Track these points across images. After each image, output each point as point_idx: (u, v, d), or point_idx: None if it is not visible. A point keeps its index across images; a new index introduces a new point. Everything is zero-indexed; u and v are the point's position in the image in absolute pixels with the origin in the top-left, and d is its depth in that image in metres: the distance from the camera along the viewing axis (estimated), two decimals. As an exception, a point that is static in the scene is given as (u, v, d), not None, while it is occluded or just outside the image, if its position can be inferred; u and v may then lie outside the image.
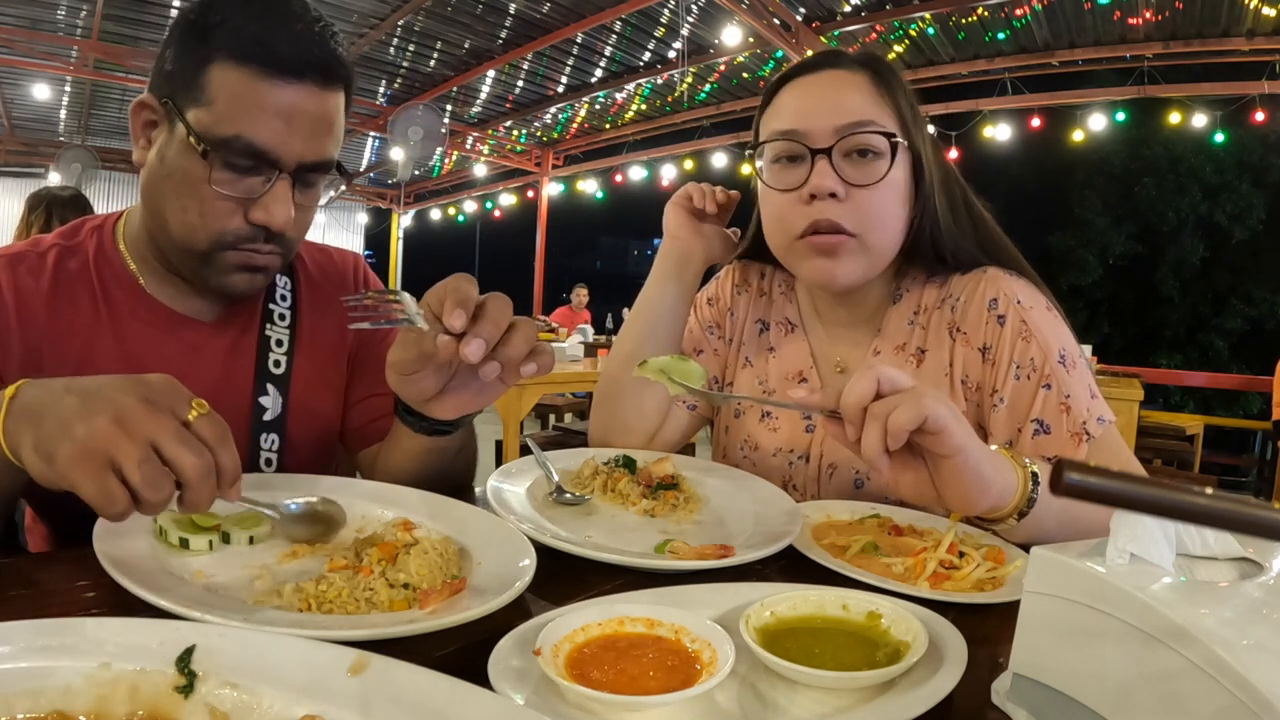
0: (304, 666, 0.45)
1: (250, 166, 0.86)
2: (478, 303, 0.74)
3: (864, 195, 0.97)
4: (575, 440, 4.23)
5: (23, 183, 11.37)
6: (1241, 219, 14.89)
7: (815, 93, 1.01)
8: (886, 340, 1.09)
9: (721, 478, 1.04)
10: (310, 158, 0.88)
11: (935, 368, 1.04)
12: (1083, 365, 0.98)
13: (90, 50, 7.58)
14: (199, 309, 1.00)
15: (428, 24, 7.57)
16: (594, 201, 12.24)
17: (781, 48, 6.82)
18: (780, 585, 0.68)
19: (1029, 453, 0.94)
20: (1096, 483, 0.35)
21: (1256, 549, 0.52)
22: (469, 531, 0.78)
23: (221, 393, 0.97)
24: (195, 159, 0.85)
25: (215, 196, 0.86)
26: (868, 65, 1.02)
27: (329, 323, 1.10)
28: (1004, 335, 0.99)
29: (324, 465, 1.09)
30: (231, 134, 0.83)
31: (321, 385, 1.08)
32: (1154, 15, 6.29)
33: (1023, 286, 1.02)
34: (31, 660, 0.43)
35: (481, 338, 0.71)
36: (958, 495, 0.70)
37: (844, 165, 0.98)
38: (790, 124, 1.00)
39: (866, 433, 0.68)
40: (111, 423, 0.57)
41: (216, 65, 0.84)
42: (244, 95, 0.83)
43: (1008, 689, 0.54)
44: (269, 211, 0.87)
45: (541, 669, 0.51)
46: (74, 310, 0.93)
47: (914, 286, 1.10)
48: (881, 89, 1.00)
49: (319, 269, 1.14)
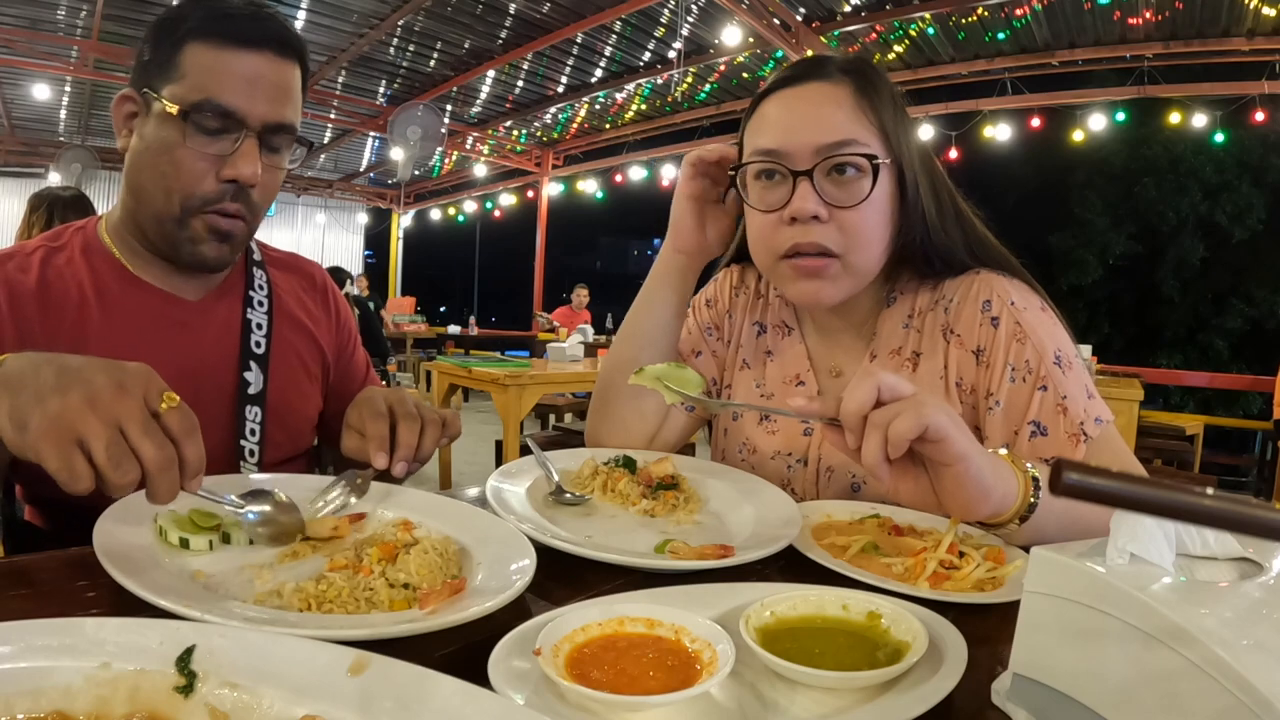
0: (304, 666, 0.45)
1: (219, 128, 0.96)
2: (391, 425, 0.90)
3: (846, 216, 0.96)
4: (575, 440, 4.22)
5: (23, 183, 11.38)
6: (1241, 219, 14.87)
7: (798, 109, 0.99)
8: (881, 344, 1.09)
9: (721, 478, 1.04)
10: (273, 119, 0.99)
11: (930, 371, 1.04)
12: (1079, 365, 0.98)
13: (90, 50, 7.59)
14: (183, 288, 1.08)
15: (428, 24, 7.57)
16: (594, 201, 12.24)
17: (781, 48, 6.82)
18: (780, 585, 0.68)
19: (1026, 455, 0.94)
20: (1095, 483, 0.35)
21: (1256, 549, 0.52)
22: (469, 531, 0.78)
23: (209, 367, 1.06)
24: (171, 127, 0.96)
25: (190, 158, 0.96)
26: (852, 73, 0.99)
27: (300, 314, 1.21)
28: (998, 337, 0.98)
29: (304, 439, 1.19)
30: (202, 98, 0.95)
31: (298, 366, 1.18)
32: (1154, 15, 6.29)
33: (1016, 287, 1.01)
34: (31, 660, 0.43)
35: (403, 460, 0.88)
36: (959, 502, 0.70)
37: (826, 185, 0.96)
38: (772, 143, 0.98)
39: (867, 441, 0.67)
40: (83, 401, 0.60)
41: (187, 47, 0.96)
42: (212, 65, 0.95)
43: (1008, 689, 0.54)
44: (237, 167, 0.97)
45: (541, 669, 0.51)
46: (64, 299, 1.00)
47: (907, 290, 1.09)
48: (864, 101, 0.97)
49: (288, 266, 1.27)
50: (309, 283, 1.27)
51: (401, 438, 0.89)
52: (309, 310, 1.23)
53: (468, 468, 5.56)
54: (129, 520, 0.70)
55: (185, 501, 0.75)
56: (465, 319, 11.49)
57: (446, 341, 10.43)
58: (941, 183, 1.04)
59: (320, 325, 1.24)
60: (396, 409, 0.91)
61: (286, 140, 1.03)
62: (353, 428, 0.93)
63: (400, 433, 0.89)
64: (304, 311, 1.22)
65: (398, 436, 0.89)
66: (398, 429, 0.89)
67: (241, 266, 1.16)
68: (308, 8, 7.13)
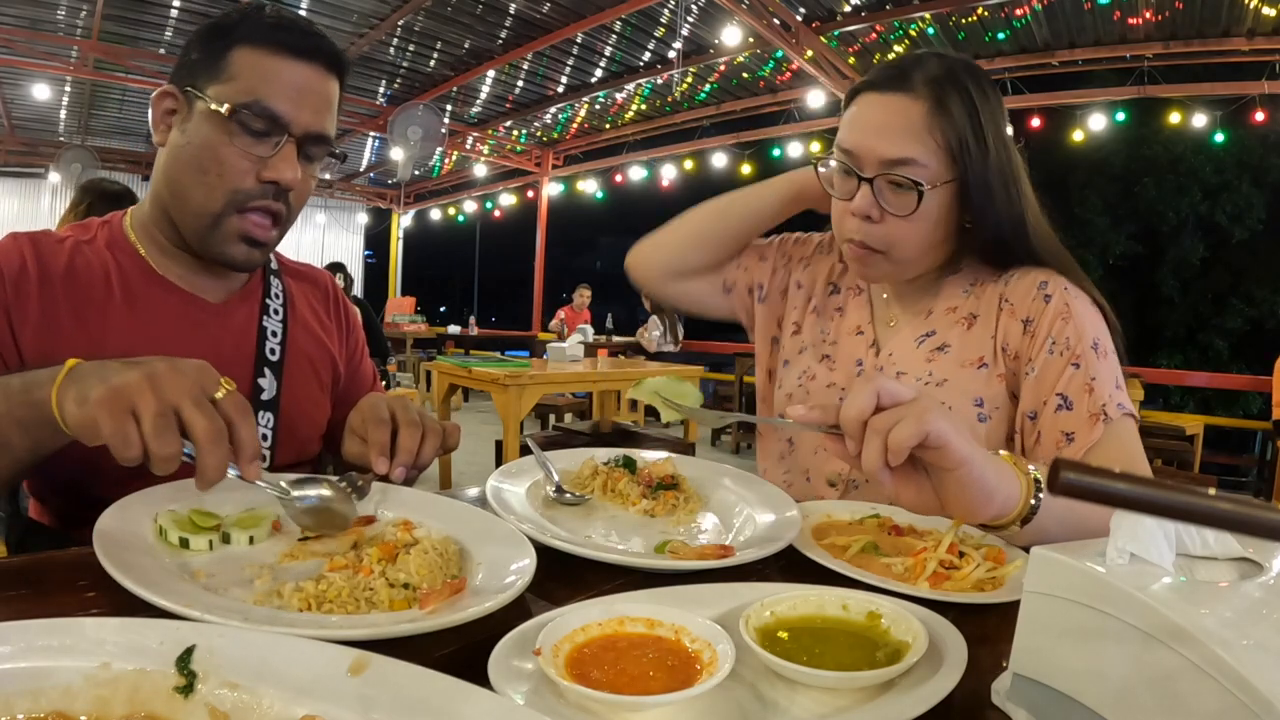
0: (304, 666, 0.45)
1: (264, 131, 0.98)
2: (393, 431, 0.91)
3: (896, 223, 1.04)
4: (575, 440, 4.23)
5: (23, 183, 11.38)
6: (1241, 219, 14.86)
7: (874, 118, 1.05)
8: (940, 303, 1.15)
9: (721, 478, 1.04)
10: (315, 129, 1.02)
11: (983, 332, 1.10)
12: (1113, 359, 1.03)
13: (90, 50, 7.58)
14: (205, 288, 1.10)
15: (428, 24, 7.57)
16: (594, 201, 12.23)
17: (781, 48, 6.82)
18: (780, 585, 0.68)
19: (1049, 426, 0.99)
20: (1093, 482, 0.35)
21: (1256, 549, 0.52)
22: (469, 531, 0.78)
23: (224, 370, 1.09)
24: (216, 126, 0.98)
25: (233, 155, 0.98)
26: (934, 91, 1.02)
27: (313, 322, 1.24)
28: (1047, 311, 1.04)
29: (312, 446, 1.20)
30: (251, 99, 0.97)
31: (310, 374, 1.19)
32: (1154, 15, 6.28)
33: (1074, 285, 1.07)
34: (31, 660, 0.43)
35: (402, 465, 0.89)
36: (961, 506, 0.70)
37: (885, 191, 1.04)
38: (848, 144, 1.06)
39: (866, 447, 0.67)
40: (143, 378, 0.65)
41: (239, 50, 0.98)
42: (262, 68, 0.98)
43: (1008, 689, 0.54)
44: (278, 170, 0.99)
45: (541, 669, 0.51)
46: (89, 287, 1.02)
47: (975, 262, 1.15)
48: (937, 120, 1.01)
49: (302, 276, 1.30)
50: (321, 292, 1.30)
51: (402, 443, 0.90)
52: (321, 319, 1.26)
53: (468, 468, 5.55)
54: (129, 520, 0.70)
55: (186, 501, 0.75)
56: (465, 319, 11.48)
57: (446, 341, 10.43)
58: (1014, 192, 1.06)
59: (331, 334, 1.26)
60: (399, 415, 0.92)
61: (321, 151, 1.06)
62: (355, 432, 0.94)
63: (401, 439, 0.90)
64: (317, 320, 1.24)
65: (399, 442, 0.90)
66: (399, 435, 0.90)
67: (260, 274, 1.18)
68: (308, 8, 7.12)
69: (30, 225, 2.70)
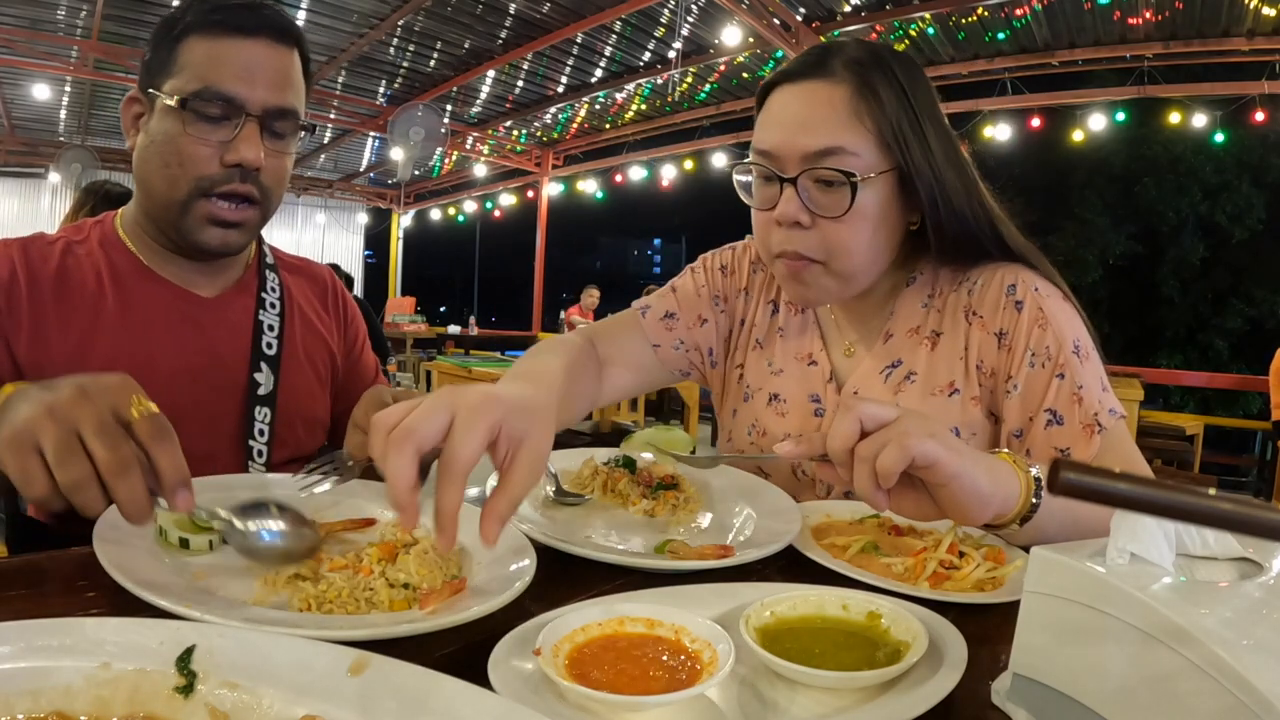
0: (304, 666, 0.45)
1: (220, 115, 0.98)
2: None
3: (831, 226, 0.95)
4: (575, 440, 4.22)
5: (23, 183, 11.37)
6: (1241, 219, 14.85)
7: (791, 110, 0.97)
8: (899, 323, 1.08)
9: (721, 478, 1.04)
10: (274, 103, 1.01)
11: (950, 351, 1.03)
12: (1095, 358, 0.98)
13: (90, 50, 7.58)
14: (198, 283, 1.10)
15: (428, 24, 7.57)
16: (594, 201, 12.23)
17: (781, 48, 6.82)
18: (780, 585, 0.68)
19: (1041, 443, 0.95)
20: (1093, 482, 0.35)
21: (1256, 549, 0.52)
22: (469, 531, 0.78)
23: (220, 365, 1.08)
24: (173, 118, 0.99)
25: (191, 144, 0.98)
26: (857, 73, 0.94)
27: (311, 316, 1.23)
28: (1021, 321, 0.98)
29: (312, 441, 1.19)
30: (201, 86, 0.97)
31: (308, 369, 1.19)
32: (1154, 15, 6.28)
33: (1040, 277, 1.02)
34: (31, 660, 0.43)
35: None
36: (959, 512, 0.70)
37: (812, 191, 0.95)
38: (766, 144, 0.97)
39: (856, 475, 0.67)
40: (44, 409, 0.59)
41: (185, 42, 0.99)
42: (209, 54, 0.98)
43: (1008, 689, 0.54)
44: (239, 151, 0.99)
45: (541, 669, 0.51)
46: (81, 287, 1.02)
47: (928, 269, 1.08)
48: (864, 103, 0.93)
49: (299, 270, 1.29)
50: (319, 286, 1.29)
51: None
52: (319, 313, 1.25)
53: (468, 468, 5.53)
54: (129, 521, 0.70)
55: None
56: (465, 319, 11.49)
57: (446, 341, 10.43)
58: (966, 179, 0.99)
59: (329, 328, 1.26)
60: None
61: (290, 126, 1.05)
62: (357, 425, 0.93)
63: None
64: (314, 314, 1.24)
65: None
66: None
67: (255, 268, 1.18)
68: (308, 8, 7.12)
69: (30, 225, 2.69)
